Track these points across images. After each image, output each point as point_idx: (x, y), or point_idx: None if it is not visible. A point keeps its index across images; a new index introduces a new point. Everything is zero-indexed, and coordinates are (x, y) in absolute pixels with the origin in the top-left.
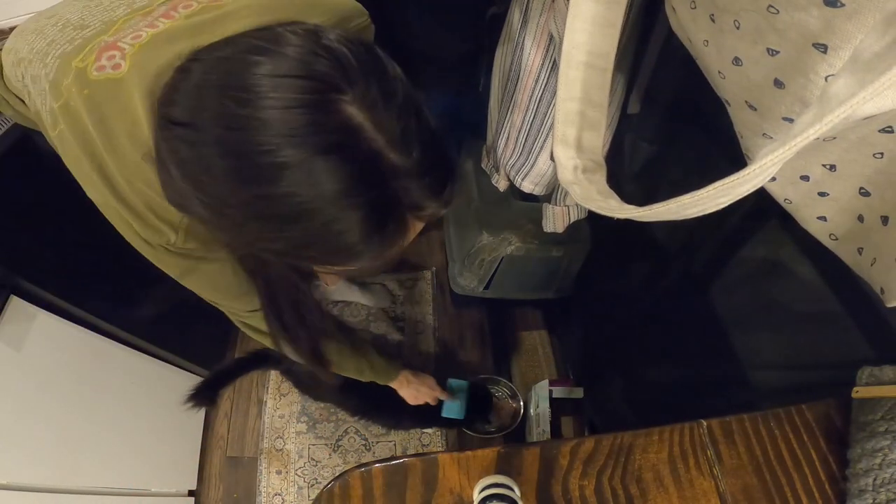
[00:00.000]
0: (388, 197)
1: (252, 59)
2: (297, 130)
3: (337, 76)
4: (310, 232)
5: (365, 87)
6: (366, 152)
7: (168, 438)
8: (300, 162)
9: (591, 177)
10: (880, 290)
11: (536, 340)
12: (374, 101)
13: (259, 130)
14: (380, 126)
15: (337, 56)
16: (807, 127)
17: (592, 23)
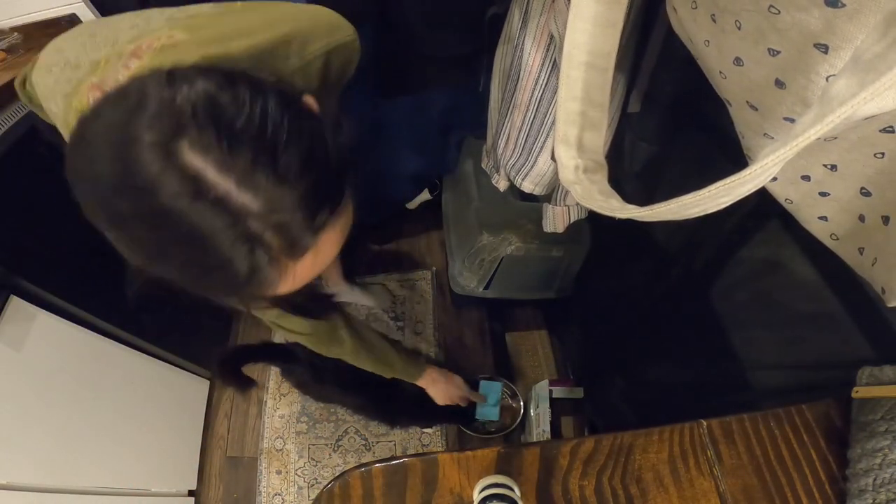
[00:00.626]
0: (249, 236)
1: (113, 115)
2: (151, 183)
3: (173, 125)
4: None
5: (205, 128)
6: (211, 196)
7: (168, 438)
8: (163, 208)
9: (592, 177)
10: (881, 290)
11: (536, 340)
12: (211, 145)
13: (127, 181)
14: (223, 168)
15: (173, 102)
16: (808, 127)
17: (593, 23)
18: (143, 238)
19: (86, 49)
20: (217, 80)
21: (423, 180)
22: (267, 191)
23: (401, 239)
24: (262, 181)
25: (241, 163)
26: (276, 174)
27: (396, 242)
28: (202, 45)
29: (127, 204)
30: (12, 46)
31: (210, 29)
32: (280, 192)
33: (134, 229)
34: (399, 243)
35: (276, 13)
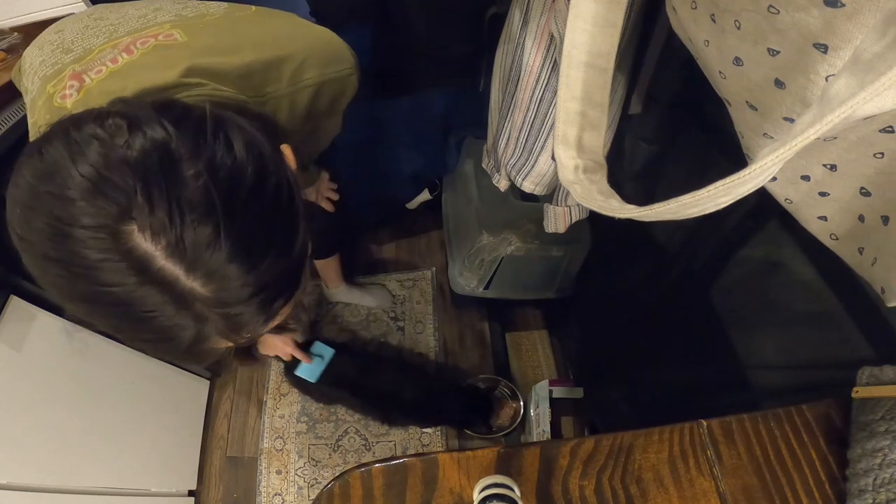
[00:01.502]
0: (195, 317)
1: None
2: (97, 264)
3: (119, 207)
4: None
5: (150, 212)
6: (161, 281)
7: (168, 438)
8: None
9: (591, 177)
10: (881, 290)
11: (536, 340)
12: (162, 229)
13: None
14: (172, 254)
15: (124, 176)
16: (807, 127)
17: (593, 23)
18: (82, 307)
19: (85, 34)
20: (181, 131)
21: (423, 180)
22: (220, 280)
23: (401, 239)
24: (216, 269)
25: (194, 249)
26: (232, 263)
27: (396, 242)
28: (195, 52)
29: (64, 277)
30: (12, 46)
31: (211, 36)
32: (233, 284)
33: (72, 297)
34: (399, 243)
35: (282, 30)
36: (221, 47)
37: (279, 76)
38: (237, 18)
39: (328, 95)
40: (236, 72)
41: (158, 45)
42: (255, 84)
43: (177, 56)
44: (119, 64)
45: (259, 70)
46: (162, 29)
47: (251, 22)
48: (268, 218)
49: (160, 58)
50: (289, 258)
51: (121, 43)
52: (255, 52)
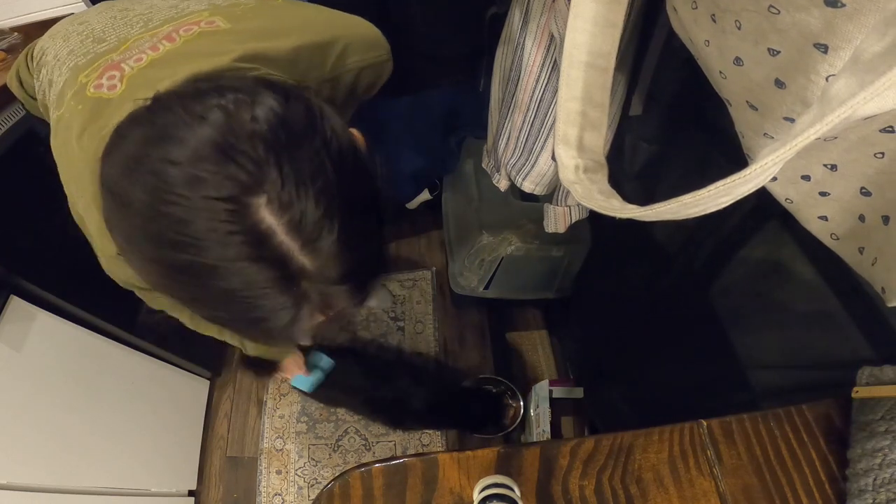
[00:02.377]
0: (297, 295)
1: (169, 149)
2: (209, 235)
3: (251, 178)
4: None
5: (281, 186)
6: (275, 257)
7: (168, 438)
8: (214, 262)
9: (592, 176)
10: (881, 290)
11: (536, 340)
12: (290, 203)
13: (176, 228)
14: (293, 229)
15: (255, 148)
16: (808, 127)
17: (594, 23)
18: (185, 285)
19: (116, 24)
20: (294, 110)
21: (423, 180)
22: (328, 258)
23: (401, 239)
24: (327, 246)
25: (310, 224)
26: (340, 240)
27: (396, 242)
28: (243, 37)
29: (177, 255)
30: (12, 46)
31: (251, 21)
32: (339, 261)
33: (176, 277)
34: (399, 243)
35: (318, 17)
36: (267, 32)
37: (323, 61)
38: (271, 6)
39: (366, 80)
40: (286, 56)
41: (203, 31)
42: (300, 69)
43: (225, 41)
44: (161, 52)
45: (305, 55)
46: (202, 16)
47: (286, 9)
48: (366, 196)
49: (208, 44)
50: (381, 237)
51: (160, 31)
52: (301, 37)
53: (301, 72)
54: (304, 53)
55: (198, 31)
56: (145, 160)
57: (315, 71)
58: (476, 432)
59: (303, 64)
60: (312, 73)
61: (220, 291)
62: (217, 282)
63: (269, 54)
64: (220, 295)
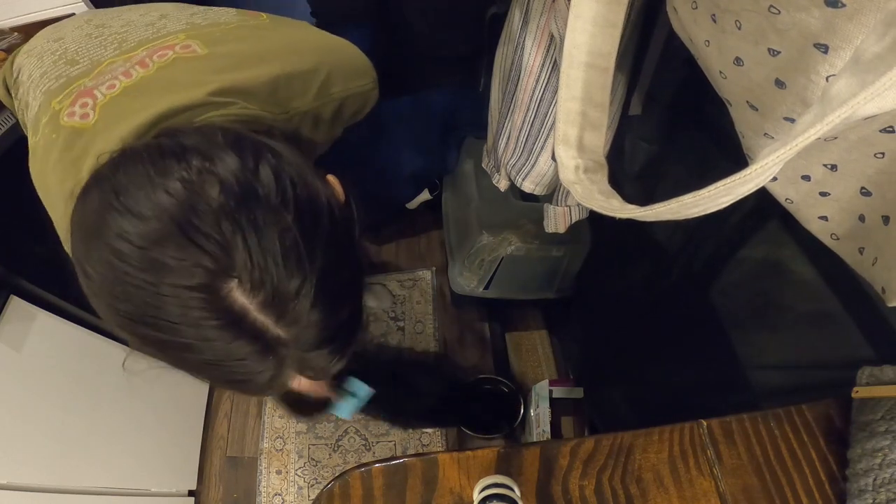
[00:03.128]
0: (275, 361)
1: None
2: (181, 318)
3: (219, 263)
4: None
5: (250, 266)
6: (250, 333)
7: (168, 438)
8: (189, 340)
9: (592, 176)
10: (881, 290)
11: (536, 340)
12: (261, 281)
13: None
14: (266, 306)
15: (220, 227)
16: (808, 127)
17: (594, 23)
18: (161, 354)
19: (89, 44)
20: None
21: (423, 180)
22: (304, 327)
23: (401, 239)
24: (302, 316)
25: (284, 298)
26: (315, 308)
27: (396, 242)
28: (220, 64)
29: (151, 332)
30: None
31: (230, 45)
32: (315, 329)
33: (151, 347)
34: (399, 243)
35: (304, 41)
36: (246, 58)
37: (306, 90)
38: (253, 27)
39: (350, 109)
40: (265, 87)
41: (178, 58)
42: (280, 99)
43: (201, 70)
44: (133, 79)
45: (285, 84)
46: (178, 39)
47: (268, 31)
48: (343, 255)
49: (183, 73)
50: (360, 291)
51: (134, 56)
52: (281, 65)
53: (281, 102)
54: (284, 82)
55: (173, 56)
56: (103, 231)
57: (297, 101)
58: (485, 432)
59: (283, 93)
60: (294, 102)
61: (198, 361)
62: (193, 354)
63: (246, 85)
64: (198, 363)
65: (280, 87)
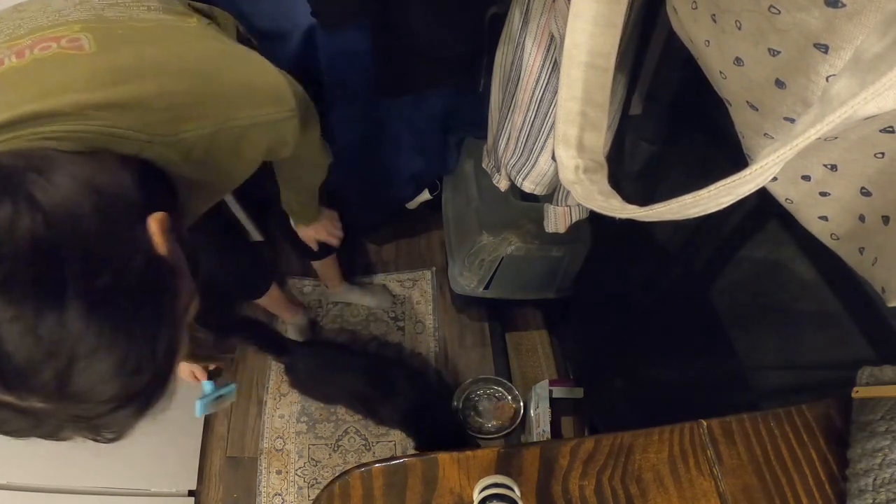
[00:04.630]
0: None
1: None
2: None
3: None
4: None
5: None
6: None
7: (168, 438)
8: None
9: (592, 177)
10: (881, 290)
11: (536, 340)
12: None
13: None
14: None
15: None
16: (808, 127)
17: (594, 23)
18: None
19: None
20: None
21: (423, 180)
22: (60, 404)
23: (401, 239)
24: (53, 393)
25: (22, 377)
26: (72, 392)
27: (396, 242)
28: (101, 73)
29: None
30: None
31: (128, 47)
32: (81, 406)
33: None
34: (399, 243)
35: (213, 59)
36: (135, 68)
37: (202, 113)
38: (170, 30)
39: (261, 140)
40: (145, 103)
41: (59, 53)
42: (167, 119)
43: (77, 74)
44: (4, 67)
45: (177, 104)
46: (70, 31)
47: (184, 38)
48: (131, 322)
49: (56, 72)
50: (171, 357)
51: (18, 44)
52: (177, 80)
53: (167, 121)
54: (171, 101)
55: (55, 50)
56: None
57: (190, 123)
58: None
59: (171, 112)
60: (186, 125)
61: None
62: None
63: (119, 100)
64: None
65: (170, 107)
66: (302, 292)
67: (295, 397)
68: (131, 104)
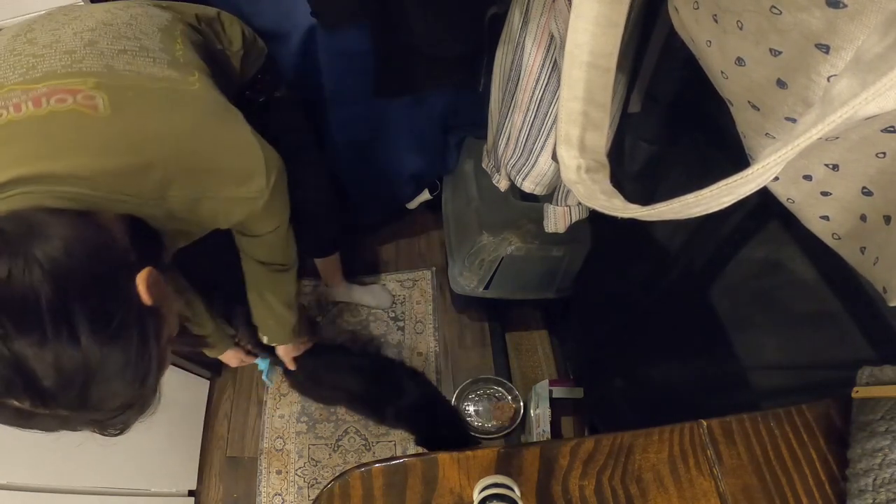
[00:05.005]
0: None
1: None
2: None
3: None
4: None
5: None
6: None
7: (168, 438)
8: None
9: (594, 176)
10: (882, 290)
11: (536, 340)
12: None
13: None
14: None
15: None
16: (809, 127)
17: (595, 23)
18: None
19: (8, 60)
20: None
21: (423, 180)
22: (81, 413)
23: (401, 239)
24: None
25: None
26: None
27: (396, 242)
28: (114, 136)
29: None
30: None
31: (136, 115)
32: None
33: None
34: (399, 243)
35: (207, 131)
36: (140, 139)
37: (188, 183)
38: (173, 96)
39: (233, 212)
40: (144, 171)
41: (73, 110)
42: (158, 185)
43: (86, 137)
44: (22, 114)
45: (169, 173)
46: (86, 84)
47: (184, 109)
48: (121, 352)
49: (68, 130)
50: (147, 379)
51: (34, 89)
52: (173, 154)
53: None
54: (164, 171)
55: (70, 105)
56: None
57: (173, 189)
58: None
59: (162, 180)
60: (171, 191)
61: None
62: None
63: (129, 169)
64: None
65: (161, 176)
66: (302, 292)
67: (295, 397)
68: (133, 172)
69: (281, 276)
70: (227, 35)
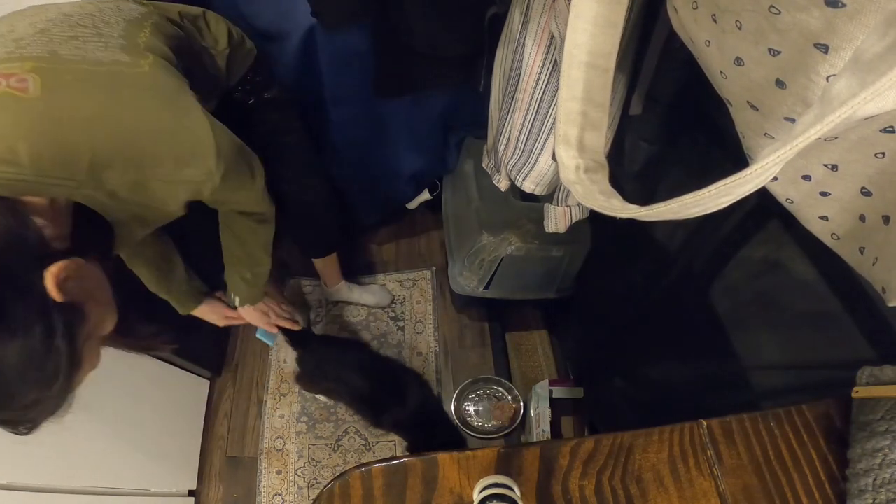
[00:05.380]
0: None
1: None
2: None
3: None
4: None
5: None
6: None
7: (168, 438)
8: None
9: (593, 176)
10: (882, 290)
11: (536, 340)
12: None
13: None
14: None
15: None
16: (808, 127)
17: (594, 23)
18: None
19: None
20: None
21: (423, 180)
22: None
23: (401, 239)
24: None
25: None
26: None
27: (396, 242)
28: (41, 118)
29: None
30: None
31: (69, 96)
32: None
33: None
34: (399, 243)
35: (147, 113)
36: (69, 120)
37: (125, 166)
38: (116, 79)
39: (178, 194)
40: (74, 153)
41: (4, 94)
42: (93, 167)
43: (11, 119)
44: None
45: (103, 155)
46: (22, 68)
47: (125, 92)
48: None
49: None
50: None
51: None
52: (107, 137)
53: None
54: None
55: (3, 89)
56: None
57: (109, 171)
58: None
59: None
60: (107, 173)
61: None
62: None
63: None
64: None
65: (93, 158)
66: (302, 292)
67: (295, 397)
68: (62, 154)
69: (259, 226)
70: (212, 33)
